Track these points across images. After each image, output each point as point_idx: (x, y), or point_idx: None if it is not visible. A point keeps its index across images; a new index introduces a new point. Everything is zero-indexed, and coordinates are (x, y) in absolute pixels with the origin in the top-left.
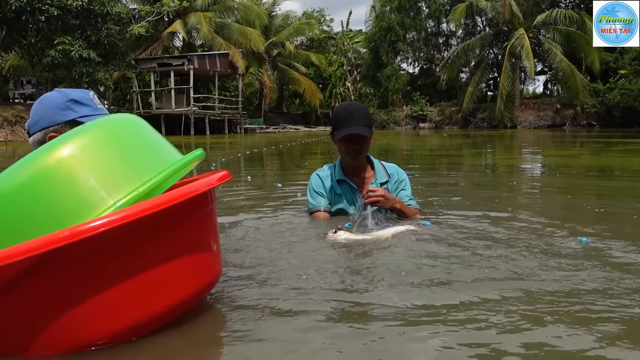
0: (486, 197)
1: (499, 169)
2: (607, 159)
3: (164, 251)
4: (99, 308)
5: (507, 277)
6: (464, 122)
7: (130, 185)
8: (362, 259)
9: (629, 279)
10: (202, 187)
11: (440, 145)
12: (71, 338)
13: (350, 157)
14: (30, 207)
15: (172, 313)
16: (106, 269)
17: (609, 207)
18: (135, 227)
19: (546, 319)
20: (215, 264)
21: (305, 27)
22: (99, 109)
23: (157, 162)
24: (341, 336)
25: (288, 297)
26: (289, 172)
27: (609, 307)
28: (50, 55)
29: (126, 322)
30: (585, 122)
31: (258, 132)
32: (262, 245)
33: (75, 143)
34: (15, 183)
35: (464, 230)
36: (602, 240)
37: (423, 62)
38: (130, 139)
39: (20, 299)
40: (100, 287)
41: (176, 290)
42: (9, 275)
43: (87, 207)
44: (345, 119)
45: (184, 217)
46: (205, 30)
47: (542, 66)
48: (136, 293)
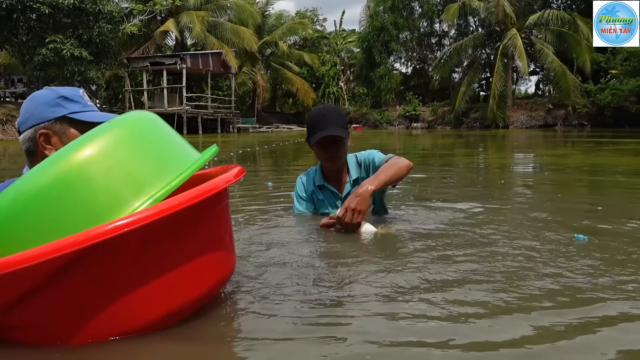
0: (477, 195)
1: (491, 168)
2: (597, 158)
3: (193, 243)
4: (137, 298)
5: (498, 275)
6: (457, 122)
7: (162, 180)
8: (351, 253)
9: (626, 276)
10: (223, 183)
11: (433, 145)
12: (111, 327)
13: (329, 161)
14: (66, 201)
15: (200, 302)
16: (144, 260)
17: (600, 205)
18: (171, 220)
19: (537, 315)
20: (232, 256)
21: (298, 27)
22: (89, 106)
23: (181, 157)
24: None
25: (286, 295)
26: (281, 171)
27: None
28: (42, 54)
29: (161, 311)
30: (576, 122)
31: (251, 132)
32: (253, 244)
33: (106, 139)
34: (50, 178)
35: (455, 226)
36: (598, 237)
37: (416, 62)
38: (155, 134)
39: (63, 291)
40: (139, 278)
41: (203, 280)
42: (52, 268)
43: (122, 201)
44: (319, 122)
45: (209, 211)
46: (198, 29)
47: (534, 66)
48: (170, 283)
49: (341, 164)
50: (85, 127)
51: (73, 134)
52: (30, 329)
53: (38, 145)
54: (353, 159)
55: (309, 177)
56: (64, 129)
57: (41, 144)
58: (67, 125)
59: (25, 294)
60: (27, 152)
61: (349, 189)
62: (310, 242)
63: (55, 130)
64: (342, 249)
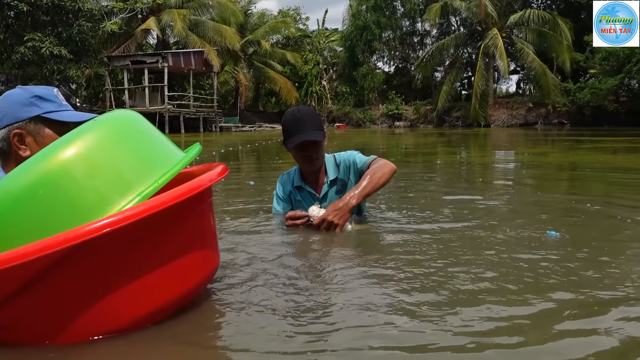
0: (458, 192)
1: (474, 166)
2: (575, 156)
3: (178, 241)
4: (124, 295)
5: (469, 272)
6: (439, 120)
7: (148, 179)
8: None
9: (592, 273)
10: (207, 182)
11: (415, 144)
12: (98, 325)
13: (306, 164)
14: (53, 200)
15: (185, 299)
16: (131, 258)
17: (576, 203)
18: (157, 218)
19: (499, 311)
20: (216, 254)
21: (281, 26)
22: (64, 105)
23: (166, 156)
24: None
25: (269, 295)
26: (263, 170)
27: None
28: (20, 52)
29: (148, 309)
30: (556, 120)
31: (234, 131)
32: (236, 243)
33: (92, 137)
34: (36, 177)
35: (433, 224)
36: (570, 234)
37: (398, 61)
38: (140, 133)
39: (49, 290)
40: (126, 276)
41: (188, 278)
42: (39, 267)
43: (108, 200)
44: (294, 126)
45: (193, 209)
46: (180, 28)
47: (514, 66)
48: (156, 280)
49: (319, 165)
50: (60, 126)
51: (48, 134)
52: (17, 329)
53: (12, 145)
54: (331, 159)
55: (288, 177)
56: (39, 128)
57: (15, 144)
58: (42, 125)
59: (12, 294)
60: (1, 152)
61: (326, 190)
62: (292, 242)
63: (29, 130)
64: (320, 248)
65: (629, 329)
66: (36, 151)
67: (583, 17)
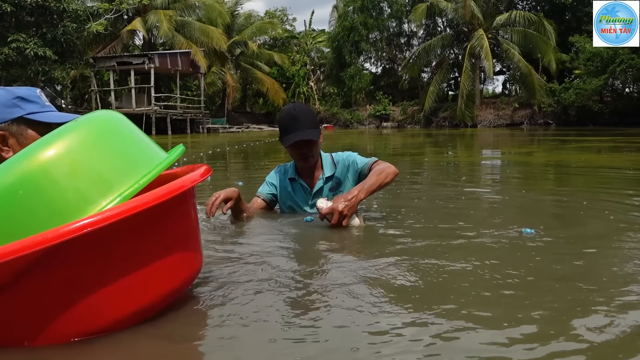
0: (445, 191)
1: (460, 166)
2: (560, 155)
3: (160, 242)
4: (104, 296)
5: (438, 269)
6: (426, 121)
7: (129, 179)
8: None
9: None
10: (189, 182)
11: (403, 144)
12: (79, 326)
13: (302, 161)
14: (32, 200)
15: (167, 299)
16: (111, 258)
17: (560, 201)
18: (138, 219)
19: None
20: (199, 255)
21: (268, 27)
22: (47, 106)
23: (148, 156)
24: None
25: (258, 293)
26: (251, 171)
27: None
28: (4, 53)
29: (129, 309)
30: (542, 120)
31: (221, 132)
32: (223, 243)
33: (73, 138)
34: (16, 177)
35: (414, 225)
36: (547, 231)
37: (385, 62)
38: (122, 134)
39: (28, 290)
40: (106, 276)
41: (171, 278)
42: (17, 268)
43: (89, 200)
44: (290, 124)
45: (175, 210)
46: (166, 29)
47: (500, 66)
48: (137, 281)
49: (313, 162)
50: (43, 127)
51: (31, 135)
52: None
53: None
54: (328, 157)
55: (284, 169)
56: (22, 130)
57: None
58: (25, 127)
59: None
60: None
61: (321, 185)
62: (282, 241)
63: (12, 131)
64: (310, 246)
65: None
66: None
67: (568, 18)
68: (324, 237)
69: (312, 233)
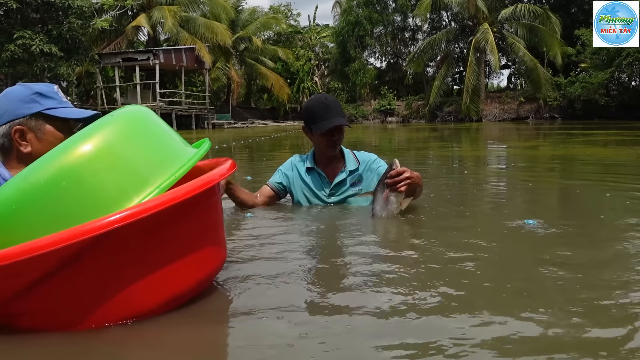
0: (451, 183)
1: (466, 160)
2: (566, 149)
3: (194, 232)
4: (144, 283)
5: (443, 258)
6: (431, 115)
7: (165, 172)
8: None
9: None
10: (218, 176)
11: (408, 139)
12: (116, 312)
13: (330, 148)
14: (75, 191)
15: (199, 287)
16: (151, 247)
17: (566, 193)
18: (175, 210)
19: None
20: (225, 245)
21: (272, 22)
22: (64, 102)
23: (180, 149)
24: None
25: (277, 286)
26: (258, 165)
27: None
28: (10, 50)
29: (166, 296)
30: (547, 114)
31: (226, 128)
32: (241, 237)
33: (111, 131)
34: (59, 169)
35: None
36: (549, 222)
37: (390, 56)
38: (155, 128)
39: (72, 278)
40: (146, 265)
41: (202, 267)
42: (62, 257)
43: (128, 192)
44: (323, 111)
45: (207, 202)
46: (170, 24)
47: (506, 60)
48: (172, 269)
49: (338, 151)
50: (61, 123)
51: (49, 130)
52: (38, 315)
53: (13, 142)
54: (349, 152)
55: (301, 159)
56: (40, 125)
57: (16, 140)
58: (43, 121)
59: (35, 281)
60: (1, 148)
61: (344, 177)
62: (298, 234)
63: (30, 126)
64: (331, 242)
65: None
66: (37, 147)
67: (574, 11)
68: (341, 228)
69: (331, 224)
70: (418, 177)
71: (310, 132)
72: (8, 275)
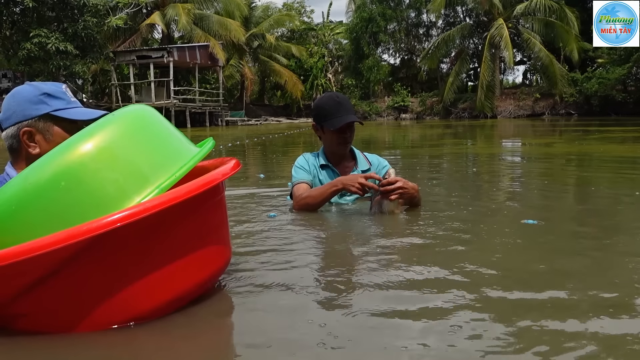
0: (463, 185)
1: (480, 157)
2: (583, 146)
3: (195, 232)
4: (143, 285)
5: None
6: (445, 112)
7: (166, 171)
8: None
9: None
10: (221, 176)
11: (422, 135)
12: (117, 314)
13: (342, 145)
14: (74, 191)
15: (199, 289)
16: (151, 248)
17: (580, 192)
18: (176, 210)
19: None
20: (229, 247)
21: (285, 19)
22: (73, 102)
23: (182, 149)
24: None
25: (285, 284)
26: (271, 163)
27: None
28: (26, 48)
29: (165, 297)
30: (564, 111)
31: (240, 125)
32: (250, 236)
33: (112, 131)
34: (58, 169)
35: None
36: (550, 221)
37: (404, 53)
38: (157, 127)
39: (71, 279)
40: (145, 266)
41: (203, 268)
42: (61, 257)
43: (128, 192)
44: (335, 109)
45: (209, 202)
46: (184, 22)
47: (521, 56)
48: (174, 270)
49: (349, 149)
50: (69, 124)
51: (57, 132)
52: (37, 317)
53: (21, 143)
54: (360, 153)
55: (313, 156)
56: (48, 126)
57: (25, 142)
58: (51, 123)
59: (34, 282)
60: (10, 149)
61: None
62: (307, 236)
63: (38, 128)
64: (341, 245)
65: None
66: (46, 149)
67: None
68: (349, 227)
69: (338, 223)
70: (413, 188)
71: (322, 129)
72: (7, 276)
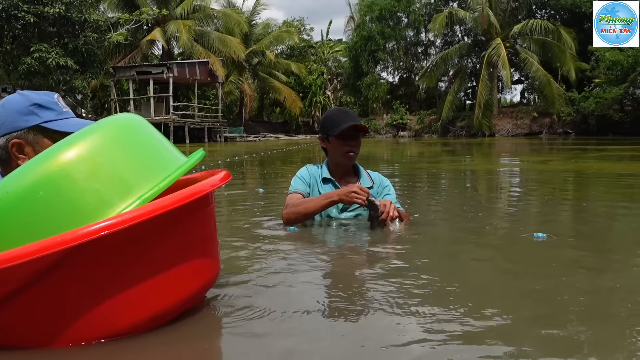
0: (462, 200)
1: (478, 173)
2: (580, 164)
3: (179, 246)
4: (123, 299)
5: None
6: (443, 130)
7: (149, 182)
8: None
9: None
10: (209, 187)
11: (419, 153)
12: (97, 328)
13: (347, 155)
14: (53, 201)
15: (185, 305)
16: (130, 261)
17: (579, 208)
18: (158, 222)
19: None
20: (217, 261)
21: (285, 36)
22: (64, 113)
23: (168, 159)
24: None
25: (279, 295)
26: (270, 179)
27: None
28: (27, 63)
29: (147, 313)
30: (561, 130)
31: (238, 141)
32: (247, 246)
33: (94, 139)
34: (36, 178)
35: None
36: (559, 236)
37: (403, 71)
38: (142, 137)
39: (47, 291)
40: (125, 279)
41: (188, 283)
42: (37, 268)
43: (108, 202)
44: (342, 116)
45: (195, 214)
46: (185, 39)
47: (519, 75)
48: (156, 285)
49: (353, 162)
50: (59, 136)
51: (47, 144)
52: (13, 331)
53: (10, 154)
54: (364, 172)
55: (316, 168)
56: (37, 138)
57: (14, 154)
58: (41, 135)
59: (9, 294)
60: (0, 161)
61: None
62: (304, 251)
63: (28, 140)
64: (334, 258)
65: None
66: None
67: (587, 27)
68: (348, 243)
69: (337, 239)
70: (403, 214)
71: (327, 140)
72: None
